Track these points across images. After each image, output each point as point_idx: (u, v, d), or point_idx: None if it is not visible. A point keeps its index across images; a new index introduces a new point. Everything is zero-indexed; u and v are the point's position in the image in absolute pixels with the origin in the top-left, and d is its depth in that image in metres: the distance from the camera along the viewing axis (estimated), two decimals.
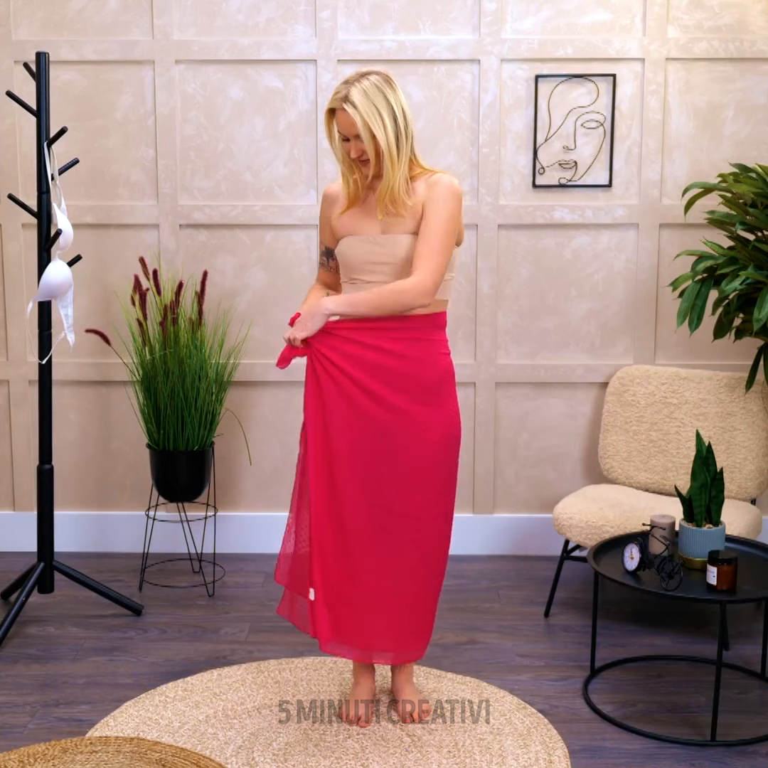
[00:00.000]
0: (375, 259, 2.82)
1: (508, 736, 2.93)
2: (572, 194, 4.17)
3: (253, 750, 2.86)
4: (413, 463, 2.84)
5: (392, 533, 2.86)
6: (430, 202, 2.77)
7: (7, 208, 4.17)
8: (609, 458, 4.07)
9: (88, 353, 4.28)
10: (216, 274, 4.22)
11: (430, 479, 2.86)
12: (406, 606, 2.90)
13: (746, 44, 4.05)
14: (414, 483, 2.84)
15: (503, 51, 4.07)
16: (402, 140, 2.74)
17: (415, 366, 2.83)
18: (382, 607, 2.88)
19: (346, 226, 2.88)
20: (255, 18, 4.10)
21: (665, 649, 3.49)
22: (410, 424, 2.83)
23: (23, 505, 4.39)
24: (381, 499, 2.84)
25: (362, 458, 2.83)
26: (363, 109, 2.69)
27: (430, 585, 2.93)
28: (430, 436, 2.84)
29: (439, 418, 2.86)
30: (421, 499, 2.86)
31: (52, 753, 2.74)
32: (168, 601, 3.90)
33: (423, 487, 2.85)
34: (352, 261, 2.86)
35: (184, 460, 3.92)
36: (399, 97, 2.74)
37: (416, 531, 2.87)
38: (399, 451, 2.83)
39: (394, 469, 2.83)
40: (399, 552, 2.86)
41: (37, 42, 4.08)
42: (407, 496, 2.84)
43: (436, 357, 2.86)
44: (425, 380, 2.84)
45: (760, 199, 3.64)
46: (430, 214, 2.76)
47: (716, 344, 4.21)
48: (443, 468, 2.88)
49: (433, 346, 2.86)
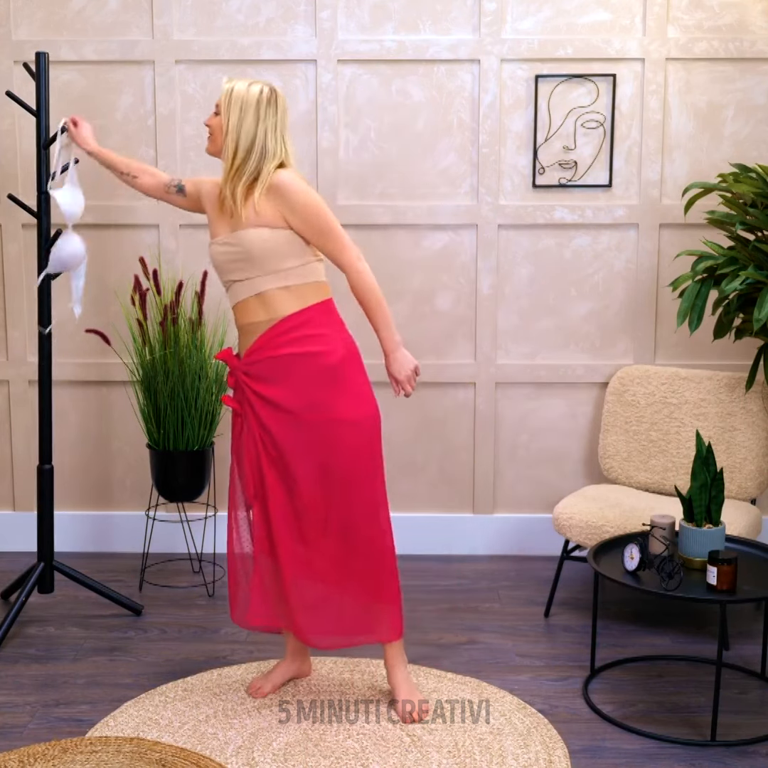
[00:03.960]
0: (231, 257, 2.91)
1: (508, 736, 2.93)
2: (572, 194, 4.17)
3: (253, 750, 2.86)
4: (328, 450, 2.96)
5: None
6: (288, 204, 2.86)
7: (7, 208, 4.17)
8: (609, 458, 4.07)
9: (88, 353, 4.28)
10: (216, 274, 4.21)
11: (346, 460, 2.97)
12: (358, 582, 2.98)
13: (746, 44, 4.05)
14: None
15: (503, 51, 4.07)
16: (244, 154, 2.86)
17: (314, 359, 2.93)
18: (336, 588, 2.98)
19: (210, 231, 3.00)
20: (255, 18, 4.10)
21: (665, 649, 3.49)
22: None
23: (23, 505, 4.39)
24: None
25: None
26: (236, 96, 2.86)
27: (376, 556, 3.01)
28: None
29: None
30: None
31: (52, 753, 2.74)
32: (168, 601, 3.90)
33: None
34: (218, 265, 2.96)
35: (184, 460, 3.92)
36: (270, 118, 2.88)
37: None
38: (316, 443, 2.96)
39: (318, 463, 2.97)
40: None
41: (37, 42, 4.08)
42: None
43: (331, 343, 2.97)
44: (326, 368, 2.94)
45: (760, 199, 3.64)
46: (297, 211, 2.85)
47: (716, 344, 4.21)
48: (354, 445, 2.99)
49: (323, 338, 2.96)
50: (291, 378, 2.89)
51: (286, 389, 2.89)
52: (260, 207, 2.86)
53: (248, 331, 2.94)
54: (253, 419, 2.94)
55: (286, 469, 2.92)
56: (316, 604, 2.97)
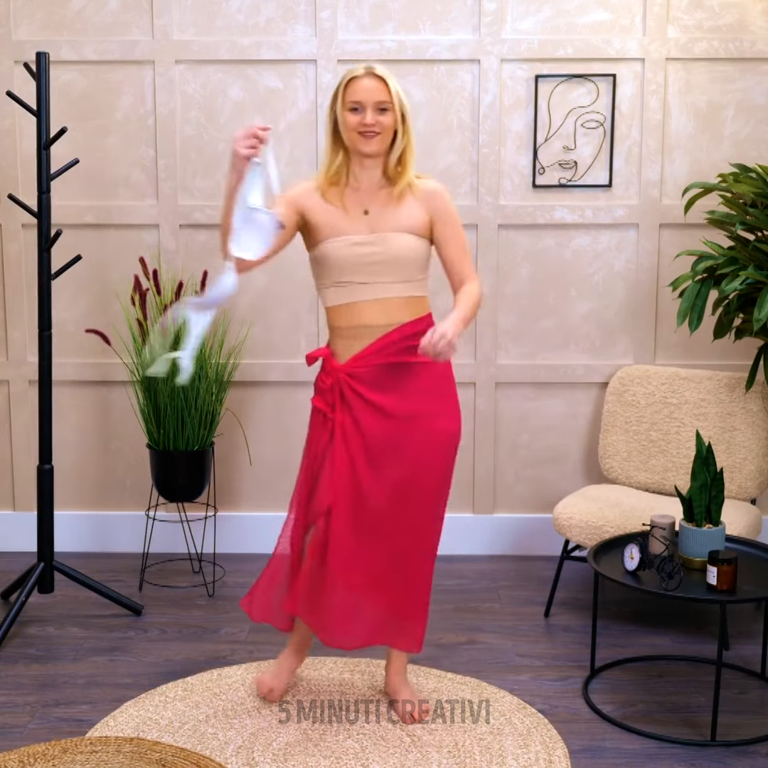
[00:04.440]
0: (368, 259, 2.80)
1: (508, 736, 2.93)
2: (572, 194, 4.17)
3: (253, 750, 2.86)
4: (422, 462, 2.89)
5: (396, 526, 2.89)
6: (443, 212, 2.84)
7: (7, 208, 4.17)
8: (609, 458, 4.07)
9: (88, 353, 4.28)
10: (216, 274, 4.19)
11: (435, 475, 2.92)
12: (401, 592, 2.93)
13: (746, 44, 4.05)
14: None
15: (503, 51, 4.07)
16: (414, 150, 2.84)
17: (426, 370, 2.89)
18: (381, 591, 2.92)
19: (326, 228, 2.83)
20: (255, 18, 4.10)
21: (665, 649, 3.49)
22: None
23: (23, 505, 4.39)
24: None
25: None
26: (392, 80, 2.77)
27: (424, 573, 2.96)
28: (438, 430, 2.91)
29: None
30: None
31: (52, 753, 2.74)
32: (168, 601, 3.90)
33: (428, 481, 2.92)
34: (340, 264, 2.81)
35: (184, 460, 3.92)
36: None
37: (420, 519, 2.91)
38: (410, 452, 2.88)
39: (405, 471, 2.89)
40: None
41: (37, 42, 4.08)
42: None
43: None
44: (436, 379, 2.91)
45: (760, 199, 3.64)
46: (449, 222, 2.85)
47: (716, 344, 4.21)
48: (445, 464, 2.93)
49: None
50: (402, 385, 2.83)
51: (395, 396, 2.83)
52: (411, 210, 2.82)
53: (357, 335, 2.83)
54: (350, 423, 2.84)
55: (377, 474, 2.84)
56: (354, 612, 2.91)
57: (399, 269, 2.81)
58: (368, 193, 2.84)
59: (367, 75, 2.75)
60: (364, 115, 2.74)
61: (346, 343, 2.86)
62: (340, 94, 2.77)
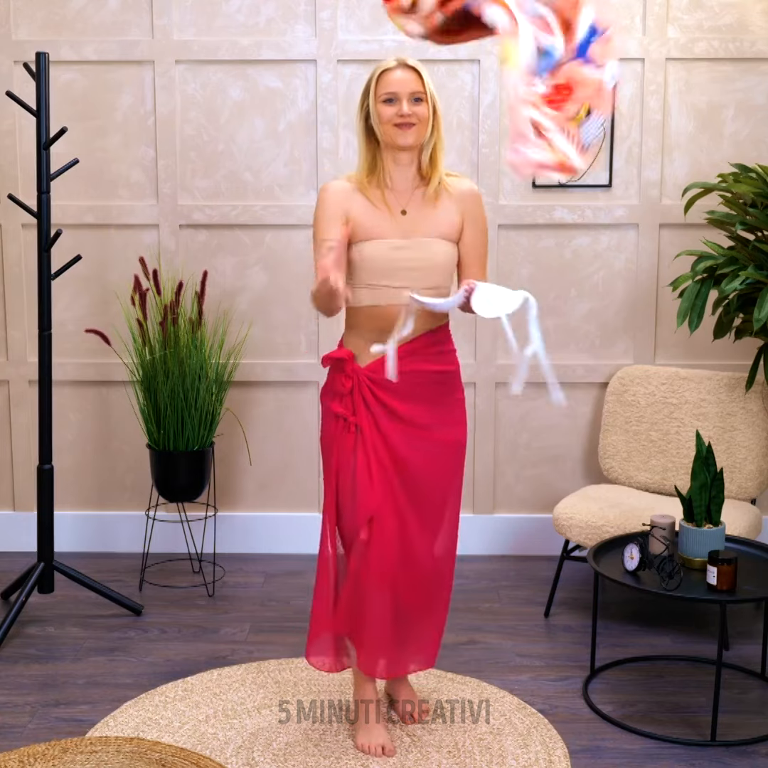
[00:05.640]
0: (405, 264, 2.75)
1: (508, 736, 2.93)
2: (572, 194, 4.17)
3: (253, 750, 2.86)
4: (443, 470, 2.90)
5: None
6: (476, 218, 2.83)
7: (7, 208, 4.17)
8: (609, 458, 4.07)
9: (88, 353, 4.28)
10: (216, 275, 4.22)
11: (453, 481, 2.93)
12: (426, 613, 2.91)
13: (746, 44, 4.05)
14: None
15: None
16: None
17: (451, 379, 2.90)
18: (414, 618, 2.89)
19: (366, 229, 2.76)
20: (255, 18, 4.10)
21: (665, 649, 3.49)
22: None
23: (23, 505, 4.39)
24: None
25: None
26: (425, 71, 2.74)
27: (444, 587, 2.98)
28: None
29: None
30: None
31: (52, 753, 2.74)
32: (168, 601, 3.90)
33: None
34: (377, 266, 2.74)
35: (184, 460, 3.91)
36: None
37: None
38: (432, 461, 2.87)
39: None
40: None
41: (37, 42, 4.08)
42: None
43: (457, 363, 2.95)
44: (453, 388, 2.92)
45: (760, 199, 3.64)
46: (479, 229, 2.84)
47: (716, 344, 4.21)
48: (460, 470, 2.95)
49: (454, 354, 2.95)
50: (418, 393, 2.80)
51: (412, 404, 2.79)
52: (446, 214, 2.79)
53: (381, 338, 2.71)
54: (370, 428, 2.77)
55: (401, 480, 2.80)
56: (388, 630, 2.84)
57: (433, 276, 2.78)
58: (404, 194, 2.79)
59: (399, 66, 2.71)
60: (400, 106, 2.68)
61: (368, 346, 2.75)
62: (372, 87, 2.71)
